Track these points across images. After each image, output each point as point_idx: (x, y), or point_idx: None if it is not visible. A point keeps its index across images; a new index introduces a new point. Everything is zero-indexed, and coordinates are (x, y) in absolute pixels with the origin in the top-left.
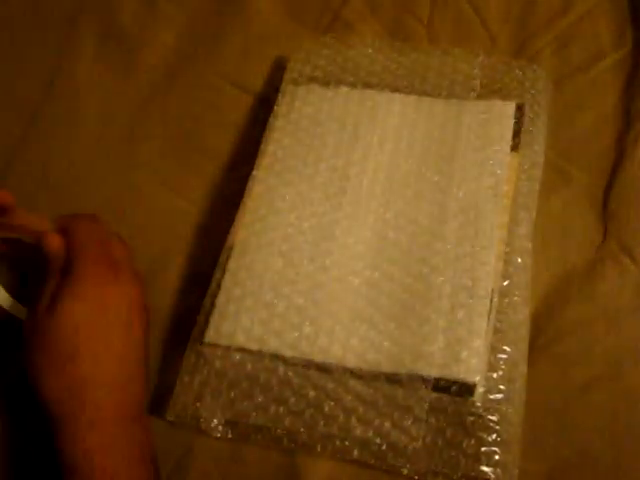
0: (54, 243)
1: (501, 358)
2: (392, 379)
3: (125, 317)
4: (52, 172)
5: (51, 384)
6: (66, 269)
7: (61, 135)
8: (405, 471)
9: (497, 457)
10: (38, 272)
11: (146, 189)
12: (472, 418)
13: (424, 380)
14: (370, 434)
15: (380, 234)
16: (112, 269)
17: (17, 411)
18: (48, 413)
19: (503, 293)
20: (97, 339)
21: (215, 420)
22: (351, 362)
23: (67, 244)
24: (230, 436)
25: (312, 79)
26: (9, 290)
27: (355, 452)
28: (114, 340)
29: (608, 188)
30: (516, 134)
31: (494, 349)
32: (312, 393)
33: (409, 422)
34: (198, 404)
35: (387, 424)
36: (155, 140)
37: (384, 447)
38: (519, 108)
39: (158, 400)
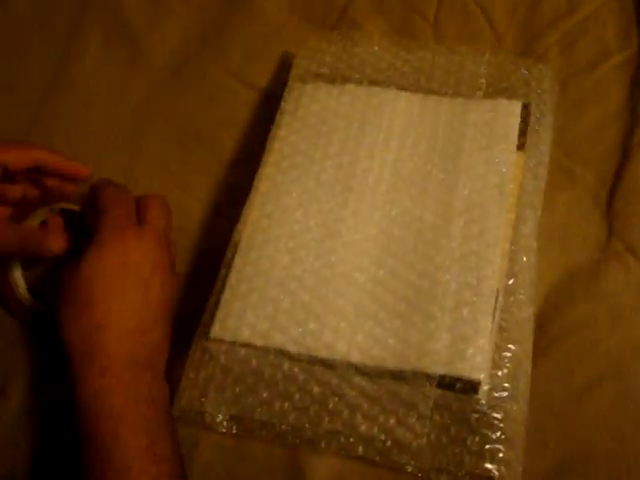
0: None
1: (506, 356)
2: (397, 376)
3: (145, 274)
4: None
5: (70, 327)
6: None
7: (66, 130)
8: (409, 468)
9: (501, 454)
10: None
11: (151, 184)
12: (476, 415)
13: (429, 377)
14: (375, 431)
15: (386, 231)
16: (137, 228)
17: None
18: (66, 354)
19: (508, 291)
20: (113, 290)
21: (220, 415)
22: (356, 358)
23: (96, 204)
24: (235, 431)
25: (318, 76)
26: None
27: (360, 449)
28: (130, 293)
29: (613, 187)
30: (522, 133)
31: (499, 347)
32: (317, 389)
33: (414, 419)
34: (203, 399)
35: (392, 421)
36: (160, 136)
37: (389, 444)
38: (525, 107)
39: None
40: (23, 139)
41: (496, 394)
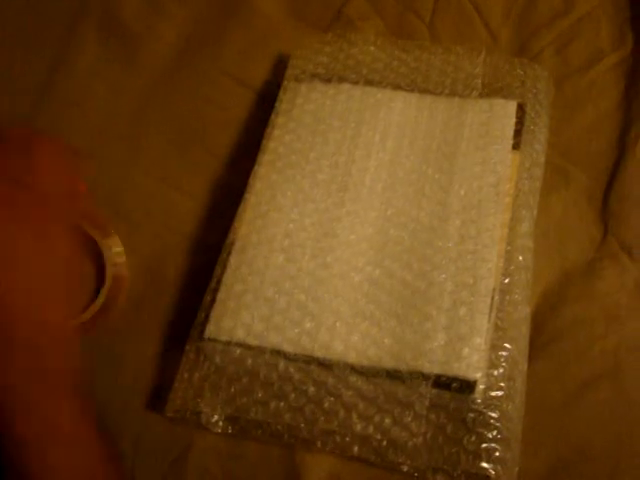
0: None
1: (502, 355)
2: (393, 375)
3: None
4: None
5: None
6: None
7: (62, 131)
8: (405, 468)
9: (497, 454)
10: None
11: (147, 184)
12: (472, 415)
13: (425, 377)
14: (370, 430)
15: (381, 231)
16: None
17: None
18: None
19: (504, 291)
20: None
21: (215, 415)
22: (352, 358)
23: None
24: (230, 431)
25: (314, 76)
26: None
27: (355, 448)
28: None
29: (608, 187)
30: (517, 133)
31: (495, 347)
32: (312, 389)
33: (409, 418)
34: (198, 400)
35: (387, 420)
36: (157, 136)
37: (384, 443)
38: (520, 107)
39: (159, 395)
40: None
41: (492, 393)
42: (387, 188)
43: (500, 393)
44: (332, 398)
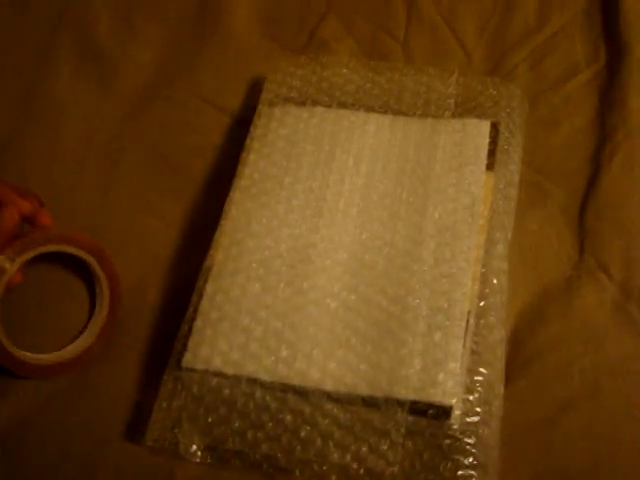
0: None
1: (477, 380)
2: (369, 402)
3: None
4: None
5: None
6: None
7: (40, 155)
8: None
9: None
10: None
11: (124, 210)
12: (449, 441)
13: (400, 404)
14: (348, 459)
15: (356, 256)
16: None
17: None
18: None
19: (479, 314)
20: None
21: (194, 445)
22: (329, 385)
23: None
24: (209, 461)
25: (288, 100)
26: None
27: (333, 477)
28: None
29: (584, 204)
30: (491, 153)
31: (470, 371)
32: (289, 417)
33: (386, 447)
34: (176, 430)
35: (364, 449)
36: (133, 161)
37: (362, 472)
38: (494, 126)
39: (138, 425)
40: None
41: (468, 419)
42: (361, 212)
43: (476, 418)
44: (308, 427)
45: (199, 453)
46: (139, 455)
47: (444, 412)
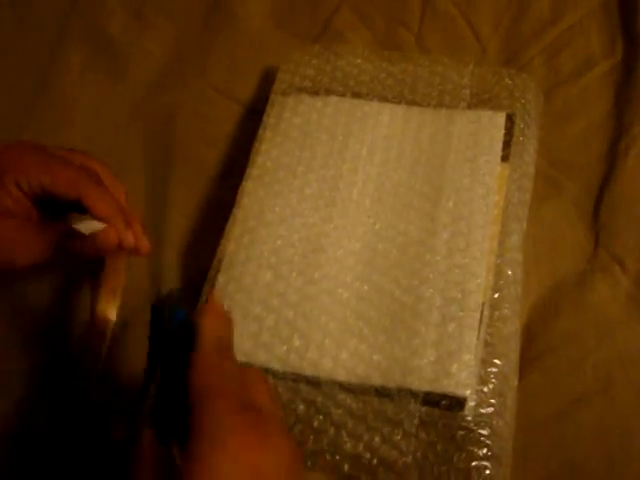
0: None
1: (492, 371)
2: (382, 393)
3: None
4: None
5: None
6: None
7: (51, 144)
8: None
9: (488, 471)
10: None
11: (135, 201)
12: (463, 432)
13: (413, 394)
14: (360, 449)
15: (369, 246)
16: (259, 427)
17: None
18: None
19: (493, 306)
20: None
21: None
22: (341, 376)
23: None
24: None
25: (301, 89)
26: None
27: (346, 467)
28: None
29: (599, 198)
30: (506, 144)
31: (484, 362)
32: (302, 407)
33: (399, 437)
34: None
35: (377, 439)
36: (144, 151)
37: (375, 462)
38: (509, 118)
39: None
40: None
41: (482, 410)
42: (375, 202)
43: (490, 410)
44: (321, 417)
45: None
46: None
47: (458, 403)
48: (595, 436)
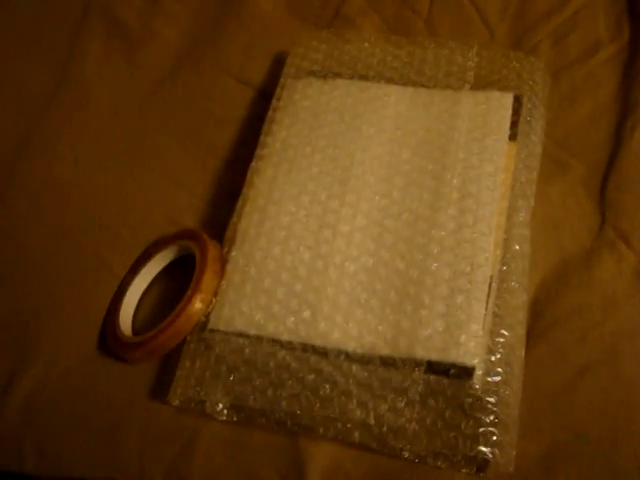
0: None
1: (499, 342)
2: (387, 362)
3: None
4: (56, 168)
5: None
6: None
7: (66, 132)
8: (406, 454)
9: (495, 438)
10: None
11: (150, 181)
12: (470, 400)
13: (417, 363)
14: (368, 416)
15: (376, 222)
16: None
17: None
18: None
19: (501, 279)
20: None
21: (220, 404)
22: (349, 346)
23: None
24: (235, 419)
25: (310, 73)
26: None
27: (356, 435)
28: None
29: (605, 176)
30: (514, 125)
31: (492, 333)
32: (309, 376)
33: (403, 404)
34: (198, 388)
35: (383, 406)
36: (159, 135)
37: (384, 430)
38: (517, 99)
39: (163, 387)
40: (26, 140)
41: (490, 379)
42: (381, 180)
43: (497, 378)
44: (328, 385)
45: (225, 412)
46: (166, 414)
47: (466, 372)
48: (600, 406)
